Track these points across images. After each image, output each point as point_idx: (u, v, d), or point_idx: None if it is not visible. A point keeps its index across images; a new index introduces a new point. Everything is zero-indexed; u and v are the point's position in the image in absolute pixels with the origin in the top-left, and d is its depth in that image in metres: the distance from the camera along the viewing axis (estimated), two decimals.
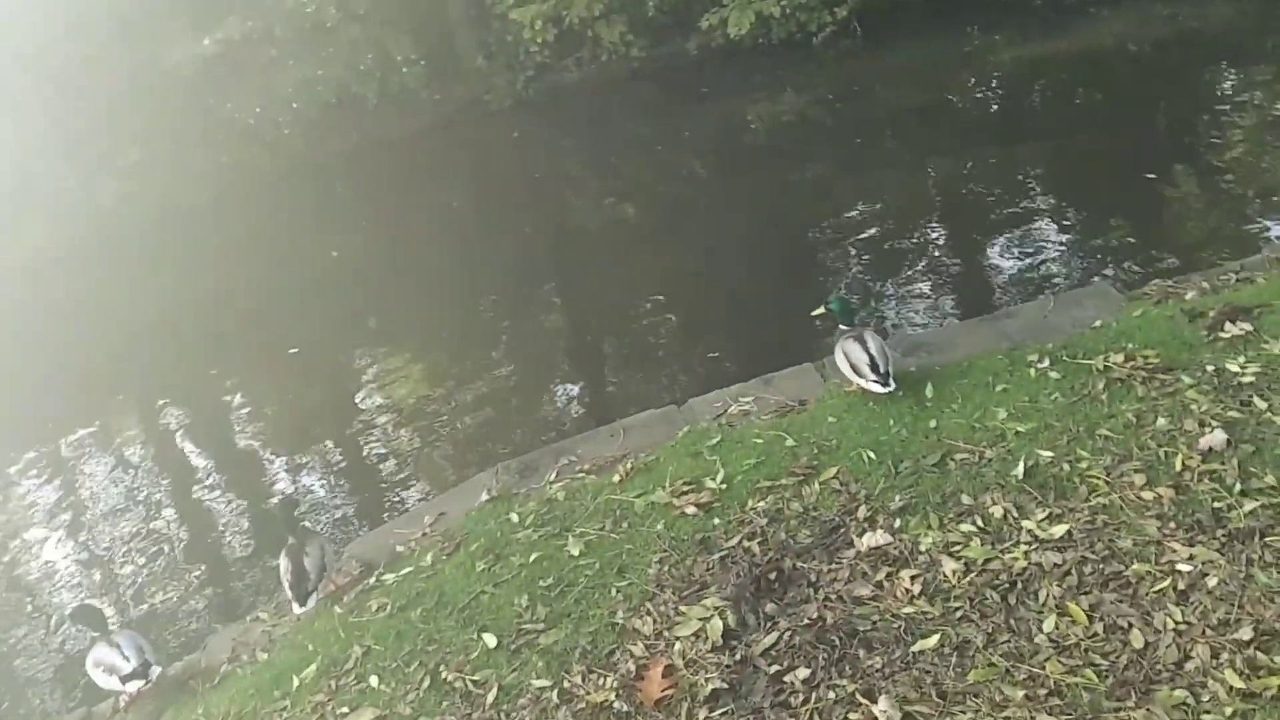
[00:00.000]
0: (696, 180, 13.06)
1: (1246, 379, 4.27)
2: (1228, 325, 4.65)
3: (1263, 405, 4.08)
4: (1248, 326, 4.61)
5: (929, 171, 10.78)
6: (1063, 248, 8.13)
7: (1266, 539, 3.48)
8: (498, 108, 16.37)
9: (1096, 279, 7.24)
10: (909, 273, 8.43)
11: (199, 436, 9.45)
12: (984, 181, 9.98)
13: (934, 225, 9.23)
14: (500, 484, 5.25)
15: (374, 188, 15.15)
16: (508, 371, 8.69)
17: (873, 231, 9.38)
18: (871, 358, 4.82)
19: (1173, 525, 3.66)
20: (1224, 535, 3.55)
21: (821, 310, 5.07)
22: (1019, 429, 4.39)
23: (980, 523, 3.95)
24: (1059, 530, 3.78)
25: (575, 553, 4.43)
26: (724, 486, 4.58)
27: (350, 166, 15.64)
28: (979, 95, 12.90)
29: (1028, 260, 7.97)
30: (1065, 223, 8.58)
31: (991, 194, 9.64)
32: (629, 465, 4.96)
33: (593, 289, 10.36)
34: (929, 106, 12.73)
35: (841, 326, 5.01)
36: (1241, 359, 4.40)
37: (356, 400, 9.02)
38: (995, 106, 12.60)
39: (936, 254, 8.62)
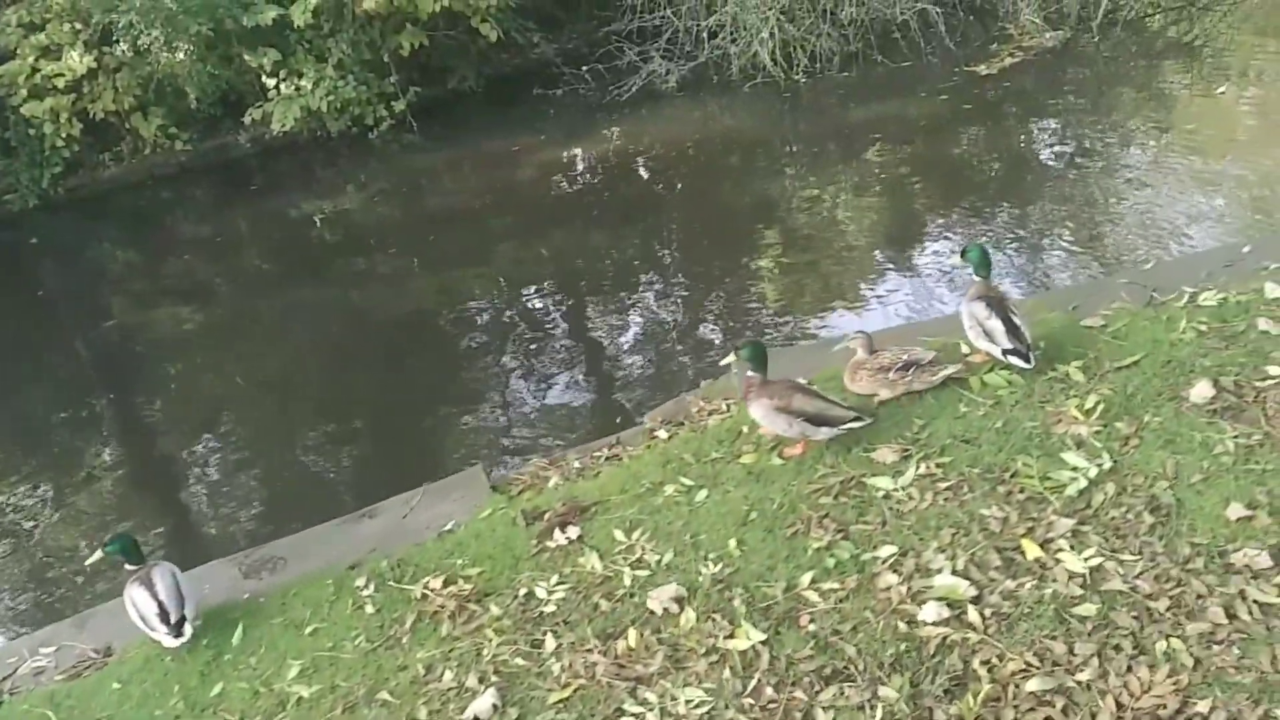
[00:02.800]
0: (261, 281, 11.83)
1: (549, 608, 3.81)
2: (557, 532, 4.22)
3: (551, 645, 3.61)
4: (576, 532, 4.20)
5: (465, 280, 10.23)
6: (493, 410, 7.51)
7: None
8: (21, 208, 14.37)
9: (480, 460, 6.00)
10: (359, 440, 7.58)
11: None
12: (509, 300, 9.53)
13: (440, 362, 8.55)
14: None
15: None
16: None
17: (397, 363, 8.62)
18: (161, 606, 3.99)
19: None
20: None
21: (98, 556, 4.19)
22: (304, 694, 3.70)
23: None
24: None
25: None
26: None
27: None
28: (530, 191, 12.65)
29: (460, 425, 7.24)
30: (519, 372, 8.00)
31: (514, 314, 9.20)
32: None
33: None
34: (480, 205, 12.39)
35: (128, 566, 4.14)
36: (554, 578, 3.94)
37: None
38: (536, 205, 12.30)
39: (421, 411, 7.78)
